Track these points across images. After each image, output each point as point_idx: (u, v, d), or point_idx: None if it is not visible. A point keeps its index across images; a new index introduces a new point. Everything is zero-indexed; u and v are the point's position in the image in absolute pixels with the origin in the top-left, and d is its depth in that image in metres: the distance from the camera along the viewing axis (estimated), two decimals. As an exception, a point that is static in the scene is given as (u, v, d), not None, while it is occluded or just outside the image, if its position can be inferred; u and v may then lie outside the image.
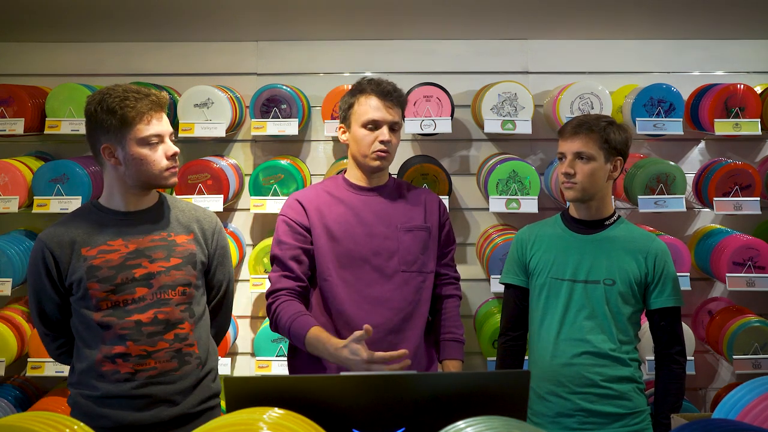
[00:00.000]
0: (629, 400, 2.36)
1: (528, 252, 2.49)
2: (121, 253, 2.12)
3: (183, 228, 2.23)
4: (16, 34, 3.49)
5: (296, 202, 2.42)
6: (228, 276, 2.36)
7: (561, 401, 2.36)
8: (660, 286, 2.39)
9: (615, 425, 2.34)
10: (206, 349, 2.24)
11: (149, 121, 2.09)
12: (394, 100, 2.38)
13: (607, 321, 2.36)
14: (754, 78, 3.56)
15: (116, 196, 2.18)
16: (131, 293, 2.11)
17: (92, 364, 2.11)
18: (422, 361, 2.44)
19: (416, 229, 2.43)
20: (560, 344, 2.38)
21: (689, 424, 1.27)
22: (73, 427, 1.28)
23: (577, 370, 2.35)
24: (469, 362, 3.39)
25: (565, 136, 2.40)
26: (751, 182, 3.20)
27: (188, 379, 2.16)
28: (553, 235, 2.48)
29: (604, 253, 2.39)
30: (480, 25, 3.43)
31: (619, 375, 2.36)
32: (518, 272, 2.51)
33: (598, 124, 2.38)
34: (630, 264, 2.38)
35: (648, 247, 2.41)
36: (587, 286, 2.37)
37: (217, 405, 2.27)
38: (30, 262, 2.17)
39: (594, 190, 2.39)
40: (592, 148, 2.35)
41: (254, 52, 3.57)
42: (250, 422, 1.23)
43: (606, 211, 2.45)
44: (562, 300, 2.39)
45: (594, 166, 2.36)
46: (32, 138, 3.49)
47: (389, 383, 1.57)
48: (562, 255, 2.42)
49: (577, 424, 2.34)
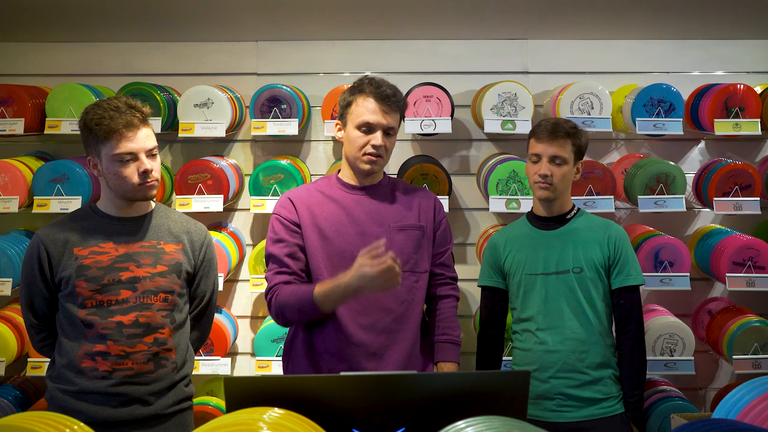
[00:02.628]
0: (605, 386, 2.53)
1: (502, 254, 2.66)
2: (110, 256, 2.23)
3: (173, 238, 2.33)
4: (16, 34, 3.49)
5: (288, 200, 2.42)
6: (212, 287, 2.45)
7: (543, 385, 2.53)
8: (619, 266, 2.57)
9: (591, 408, 2.51)
10: (183, 355, 2.33)
11: (120, 140, 2.17)
12: (392, 104, 2.35)
13: (581, 307, 2.53)
14: (754, 78, 3.56)
15: (108, 202, 2.30)
16: (116, 294, 2.21)
17: (72, 360, 2.21)
18: (417, 362, 2.42)
19: (409, 228, 2.41)
20: (543, 333, 2.54)
21: (689, 424, 1.28)
22: (73, 427, 1.29)
23: (560, 356, 2.52)
24: (469, 362, 3.38)
25: (540, 138, 2.55)
26: (751, 182, 3.20)
27: (163, 381, 2.26)
28: (522, 235, 2.66)
29: (569, 244, 2.58)
30: (480, 25, 3.43)
31: (597, 361, 2.53)
32: (493, 274, 2.69)
33: (570, 129, 2.56)
34: (594, 250, 2.57)
35: (608, 233, 2.59)
36: (558, 276, 2.55)
37: (189, 407, 2.37)
38: (25, 255, 2.30)
39: (563, 190, 2.59)
40: (567, 152, 2.54)
41: (254, 52, 3.57)
42: (250, 422, 1.23)
43: (567, 207, 2.64)
44: (539, 292, 2.56)
45: (566, 169, 2.55)
46: (32, 138, 3.49)
47: (389, 383, 1.57)
48: (532, 251, 2.60)
49: (555, 406, 2.52)
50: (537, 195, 2.60)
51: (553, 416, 2.52)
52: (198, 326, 2.45)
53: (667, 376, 3.37)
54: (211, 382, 3.37)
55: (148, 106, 2.28)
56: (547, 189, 2.55)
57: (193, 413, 2.41)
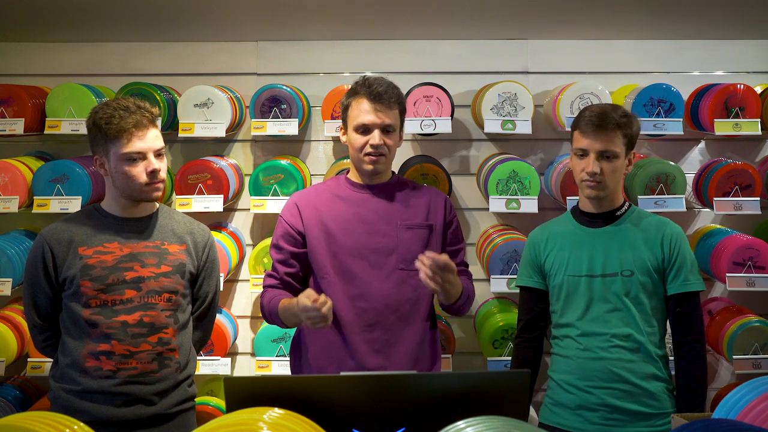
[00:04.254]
0: (657, 400, 2.31)
1: (542, 253, 2.45)
2: (115, 256, 2.24)
3: (176, 238, 2.35)
4: (16, 34, 3.49)
5: (294, 205, 2.46)
6: (214, 288, 2.47)
7: (584, 395, 2.32)
8: (675, 270, 2.33)
9: (639, 424, 2.29)
10: (187, 355, 2.35)
11: (130, 139, 2.19)
12: (385, 101, 2.34)
13: (630, 313, 2.31)
14: (754, 78, 3.56)
15: (113, 202, 2.31)
16: (120, 294, 2.22)
17: (76, 359, 2.22)
18: (425, 362, 2.43)
19: (417, 227, 2.42)
20: (587, 339, 2.33)
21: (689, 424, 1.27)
22: (73, 427, 1.29)
23: (604, 365, 2.30)
24: (470, 362, 3.39)
25: (586, 132, 2.32)
26: (751, 182, 3.20)
27: (167, 381, 2.27)
28: (566, 233, 2.44)
29: (618, 245, 2.35)
30: (480, 25, 3.42)
31: (648, 372, 2.31)
32: (532, 274, 2.48)
33: (620, 119, 2.31)
34: (646, 252, 2.33)
35: (662, 233, 2.36)
36: (605, 279, 2.33)
37: (192, 407, 2.38)
38: (29, 254, 2.31)
39: (614, 186, 2.36)
40: (618, 145, 2.31)
41: (254, 52, 3.56)
42: (250, 422, 1.23)
43: (617, 203, 2.42)
44: (582, 296, 2.35)
45: (617, 163, 2.32)
46: (32, 138, 3.49)
47: (389, 383, 1.57)
48: (576, 251, 2.38)
49: (599, 419, 2.30)
50: (585, 194, 2.37)
51: (596, 429, 2.29)
52: (200, 327, 2.46)
53: (667, 376, 3.37)
54: (211, 382, 3.37)
55: (156, 107, 2.30)
56: (596, 187, 2.32)
57: (195, 413, 2.42)
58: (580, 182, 2.37)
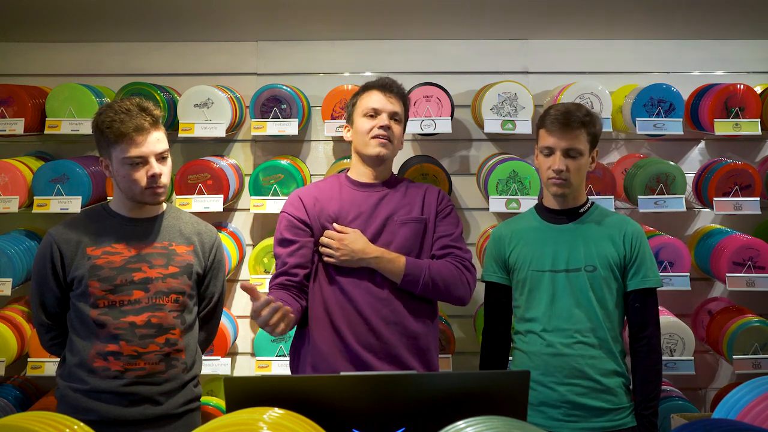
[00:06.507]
0: (615, 396, 2.36)
1: (506, 248, 2.49)
2: (123, 256, 2.25)
3: (184, 239, 2.35)
4: (16, 34, 3.49)
5: (297, 198, 2.50)
6: (220, 288, 2.47)
7: (547, 391, 2.36)
8: (636, 266, 2.39)
9: (599, 419, 2.34)
10: (193, 356, 2.36)
11: (131, 143, 2.19)
12: (395, 91, 2.48)
13: (593, 309, 2.36)
14: (754, 78, 3.56)
15: (120, 203, 2.33)
16: (128, 295, 2.23)
17: (84, 359, 2.22)
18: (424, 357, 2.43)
19: (412, 222, 2.46)
20: (550, 335, 2.37)
21: (689, 424, 1.28)
22: (73, 427, 1.29)
23: (567, 361, 2.34)
24: (469, 362, 3.39)
25: (552, 130, 2.36)
26: (751, 182, 3.20)
27: (173, 381, 2.28)
28: (530, 228, 2.48)
29: (581, 241, 2.40)
30: (480, 25, 3.42)
31: (609, 368, 2.36)
32: (497, 269, 2.52)
33: (584, 118, 2.36)
34: (608, 248, 2.38)
35: (624, 230, 2.41)
36: (569, 274, 2.37)
37: (197, 408, 2.40)
38: (37, 254, 2.32)
39: (579, 184, 2.42)
40: (582, 143, 2.36)
41: (254, 52, 3.56)
42: (250, 422, 1.23)
43: (581, 200, 2.47)
44: (546, 291, 2.39)
45: (582, 161, 2.38)
46: (32, 138, 3.49)
47: (389, 383, 1.57)
48: (540, 247, 2.42)
49: (561, 415, 2.35)
50: (551, 191, 2.41)
51: (557, 426, 2.33)
52: (206, 327, 2.47)
53: (667, 376, 3.36)
54: (211, 382, 3.37)
55: (160, 109, 2.30)
56: (562, 185, 2.36)
57: (200, 413, 2.44)
58: (546, 180, 2.41)
